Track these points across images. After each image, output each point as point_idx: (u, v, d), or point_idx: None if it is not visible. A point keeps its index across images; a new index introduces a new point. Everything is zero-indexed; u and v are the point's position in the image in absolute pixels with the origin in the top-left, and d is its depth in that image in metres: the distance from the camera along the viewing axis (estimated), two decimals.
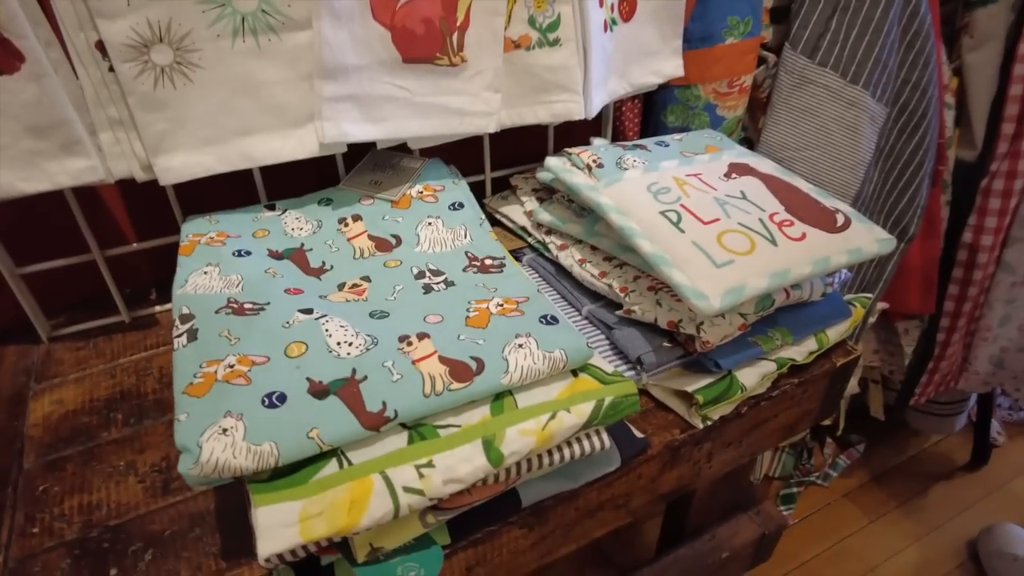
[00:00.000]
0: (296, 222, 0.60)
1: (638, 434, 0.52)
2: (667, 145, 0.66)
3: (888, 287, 0.99)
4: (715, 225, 0.53)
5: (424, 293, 0.51)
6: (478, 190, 0.77)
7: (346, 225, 0.59)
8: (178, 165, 0.54)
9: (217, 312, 0.47)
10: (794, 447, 1.28)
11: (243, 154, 0.56)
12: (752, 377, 0.55)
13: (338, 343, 0.44)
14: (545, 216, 0.66)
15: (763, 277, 0.49)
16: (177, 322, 0.47)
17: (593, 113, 0.65)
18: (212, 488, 0.49)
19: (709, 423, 0.54)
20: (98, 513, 0.49)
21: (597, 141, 0.70)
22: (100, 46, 0.49)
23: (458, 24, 0.56)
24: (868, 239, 0.54)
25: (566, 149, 0.64)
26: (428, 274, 0.53)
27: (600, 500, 0.53)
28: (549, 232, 0.67)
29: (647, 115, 0.87)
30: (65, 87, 0.50)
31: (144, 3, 0.48)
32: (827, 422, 1.23)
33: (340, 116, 0.55)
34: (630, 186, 0.58)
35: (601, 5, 0.62)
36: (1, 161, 0.49)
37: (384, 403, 0.40)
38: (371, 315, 0.48)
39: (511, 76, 0.61)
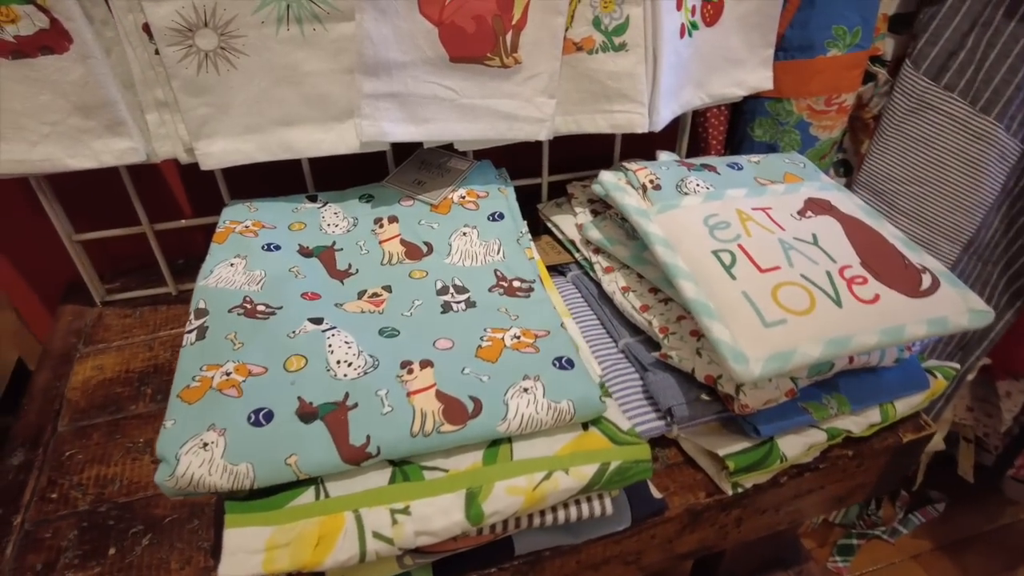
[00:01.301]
0: (334, 217, 0.58)
1: (656, 493, 0.48)
2: (740, 168, 0.59)
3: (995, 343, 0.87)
4: (773, 274, 0.46)
5: (441, 312, 0.48)
6: (534, 194, 0.73)
7: (381, 226, 0.57)
8: (218, 151, 0.54)
9: (230, 311, 0.46)
10: None
11: (284, 144, 0.55)
12: (796, 447, 0.49)
13: (338, 361, 0.42)
14: (594, 233, 0.61)
15: (817, 344, 0.42)
16: (192, 316, 0.46)
17: (659, 126, 0.59)
18: None
19: (740, 490, 0.49)
20: (111, 488, 0.50)
21: (663, 156, 0.64)
22: (147, 28, 0.49)
23: (513, 23, 0.51)
24: (958, 308, 0.45)
25: (624, 163, 0.59)
26: (451, 290, 0.50)
27: (606, 555, 0.49)
28: (597, 251, 0.62)
29: (734, 124, 0.79)
30: (118, 67, 0.50)
31: None
32: None
33: (380, 115, 0.52)
34: (685, 216, 0.52)
35: (679, 8, 0.55)
36: (50, 136, 0.50)
37: (368, 437, 0.38)
38: (380, 332, 0.46)
39: (570, 81, 0.56)
